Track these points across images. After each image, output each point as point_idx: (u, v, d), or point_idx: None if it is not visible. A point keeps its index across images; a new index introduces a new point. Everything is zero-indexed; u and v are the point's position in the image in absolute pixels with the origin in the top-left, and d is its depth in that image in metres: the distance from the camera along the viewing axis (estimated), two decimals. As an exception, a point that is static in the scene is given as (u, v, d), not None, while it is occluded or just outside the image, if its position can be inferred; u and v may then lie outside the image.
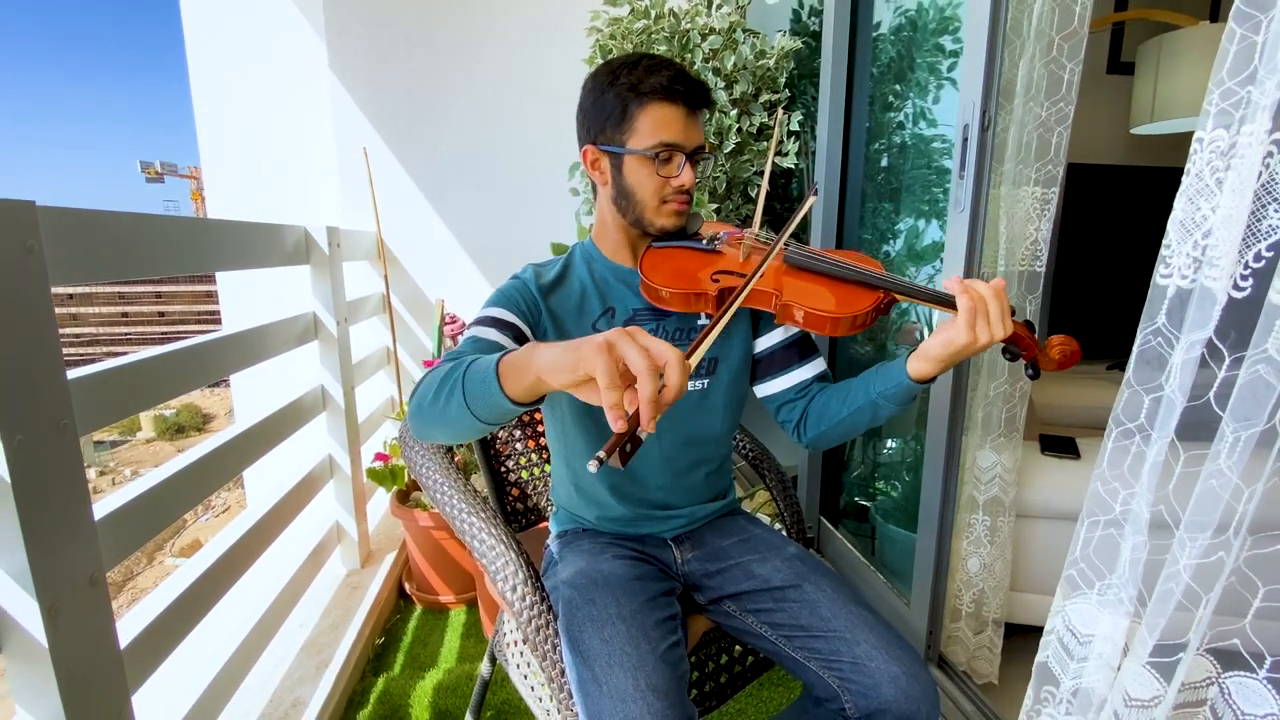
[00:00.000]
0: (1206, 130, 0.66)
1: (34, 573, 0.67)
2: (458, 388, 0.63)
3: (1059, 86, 1.02)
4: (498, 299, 0.85)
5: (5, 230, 0.65)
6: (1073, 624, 0.83)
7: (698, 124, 0.86)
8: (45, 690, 0.70)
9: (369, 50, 2.16)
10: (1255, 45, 0.62)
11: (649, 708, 0.67)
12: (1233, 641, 0.67)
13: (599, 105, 0.85)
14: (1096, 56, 2.69)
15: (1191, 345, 0.67)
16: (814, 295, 0.84)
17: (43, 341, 0.69)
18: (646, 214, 0.87)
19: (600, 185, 0.90)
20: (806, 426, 0.93)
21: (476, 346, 0.77)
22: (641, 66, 0.83)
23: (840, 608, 0.84)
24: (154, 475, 0.94)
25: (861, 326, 0.83)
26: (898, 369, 0.81)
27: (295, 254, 1.49)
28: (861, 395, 0.85)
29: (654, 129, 0.82)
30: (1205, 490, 0.64)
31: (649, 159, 0.83)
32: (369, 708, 1.34)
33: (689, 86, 0.83)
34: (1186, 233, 0.69)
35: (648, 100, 0.82)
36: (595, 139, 0.86)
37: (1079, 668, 0.81)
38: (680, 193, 0.86)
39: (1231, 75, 0.64)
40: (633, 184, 0.85)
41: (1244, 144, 0.64)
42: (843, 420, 0.88)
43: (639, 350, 0.51)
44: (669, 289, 0.85)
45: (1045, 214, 1.07)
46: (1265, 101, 0.61)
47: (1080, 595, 0.81)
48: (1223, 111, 0.65)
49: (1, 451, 0.64)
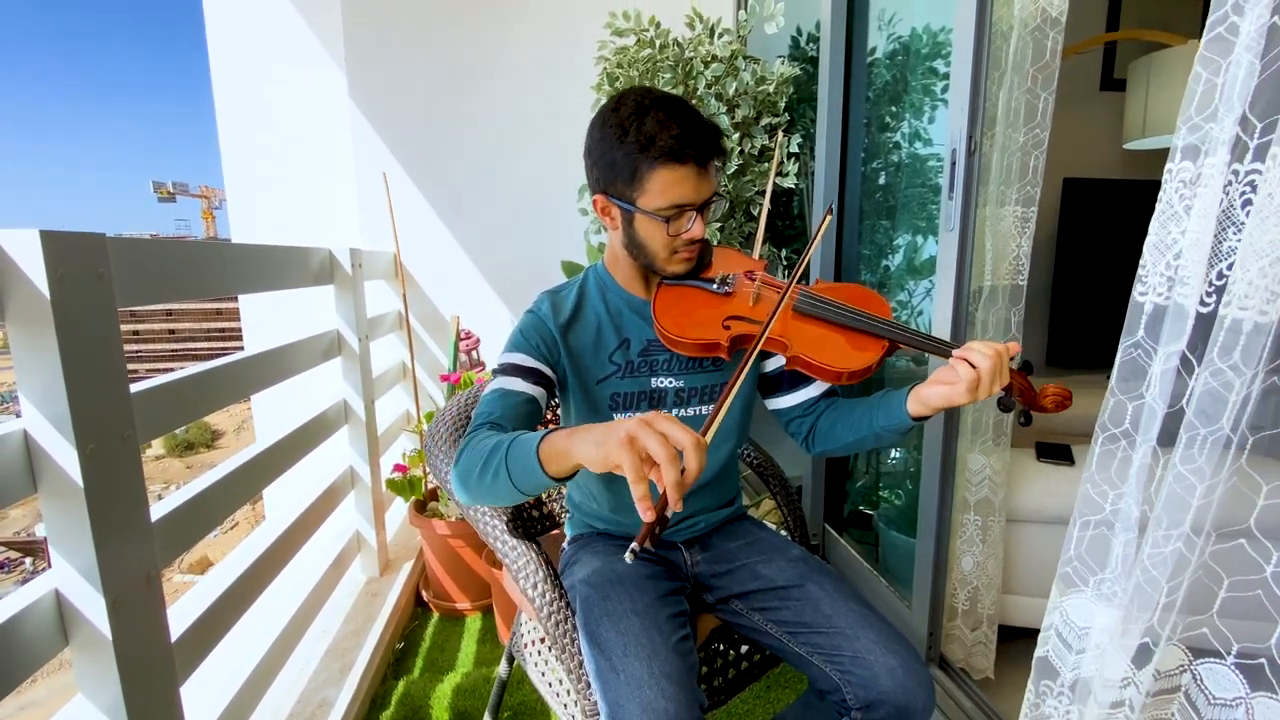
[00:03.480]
0: (1175, 162, 0.73)
1: (101, 570, 0.73)
2: (502, 469, 0.71)
3: (1035, 114, 1.09)
4: (517, 342, 0.90)
5: (80, 260, 0.73)
6: (1070, 619, 0.87)
7: (709, 176, 0.85)
8: (108, 679, 0.76)
9: (386, 80, 2.27)
10: (1216, 86, 0.68)
11: (662, 692, 0.73)
12: (1202, 631, 0.72)
13: (609, 161, 0.84)
14: (1090, 74, 2.77)
15: (1168, 357, 0.72)
16: (823, 348, 0.85)
17: (111, 359, 0.76)
18: (658, 263, 0.89)
19: (611, 230, 0.92)
20: (814, 442, 0.98)
21: (505, 401, 0.84)
22: (650, 120, 0.81)
23: (841, 605, 0.89)
24: (199, 482, 1.00)
25: (869, 374, 0.86)
26: (899, 408, 0.84)
27: (321, 274, 1.57)
28: (865, 426, 0.89)
29: (664, 190, 0.82)
30: (1173, 491, 0.70)
31: (660, 220, 0.84)
32: (391, 709, 1.40)
33: (698, 143, 0.82)
34: (1160, 254, 0.76)
35: (658, 164, 0.81)
36: (606, 190, 0.87)
37: (1077, 660, 0.86)
38: (691, 244, 0.88)
39: (1198, 112, 0.70)
40: (644, 238, 0.87)
41: (1207, 175, 0.70)
42: (848, 444, 0.93)
43: (659, 440, 0.57)
44: (683, 338, 0.87)
45: (1025, 231, 1.14)
46: (1224, 136, 0.68)
47: (1076, 591, 0.86)
48: (1189, 145, 0.72)
49: (76, 459, 0.71)
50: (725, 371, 0.97)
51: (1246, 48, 0.65)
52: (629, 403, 0.94)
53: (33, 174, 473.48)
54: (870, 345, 0.85)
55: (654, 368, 0.94)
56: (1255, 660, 0.69)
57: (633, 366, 0.94)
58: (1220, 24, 0.67)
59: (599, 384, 0.93)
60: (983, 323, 1.21)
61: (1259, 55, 0.64)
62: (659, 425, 0.58)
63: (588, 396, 0.94)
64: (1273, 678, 0.67)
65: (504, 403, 0.84)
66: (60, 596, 0.73)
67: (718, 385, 0.97)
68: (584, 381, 0.93)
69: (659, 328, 0.90)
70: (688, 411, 0.95)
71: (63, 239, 0.69)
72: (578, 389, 0.94)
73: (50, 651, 0.73)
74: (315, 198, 2.46)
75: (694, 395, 0.96)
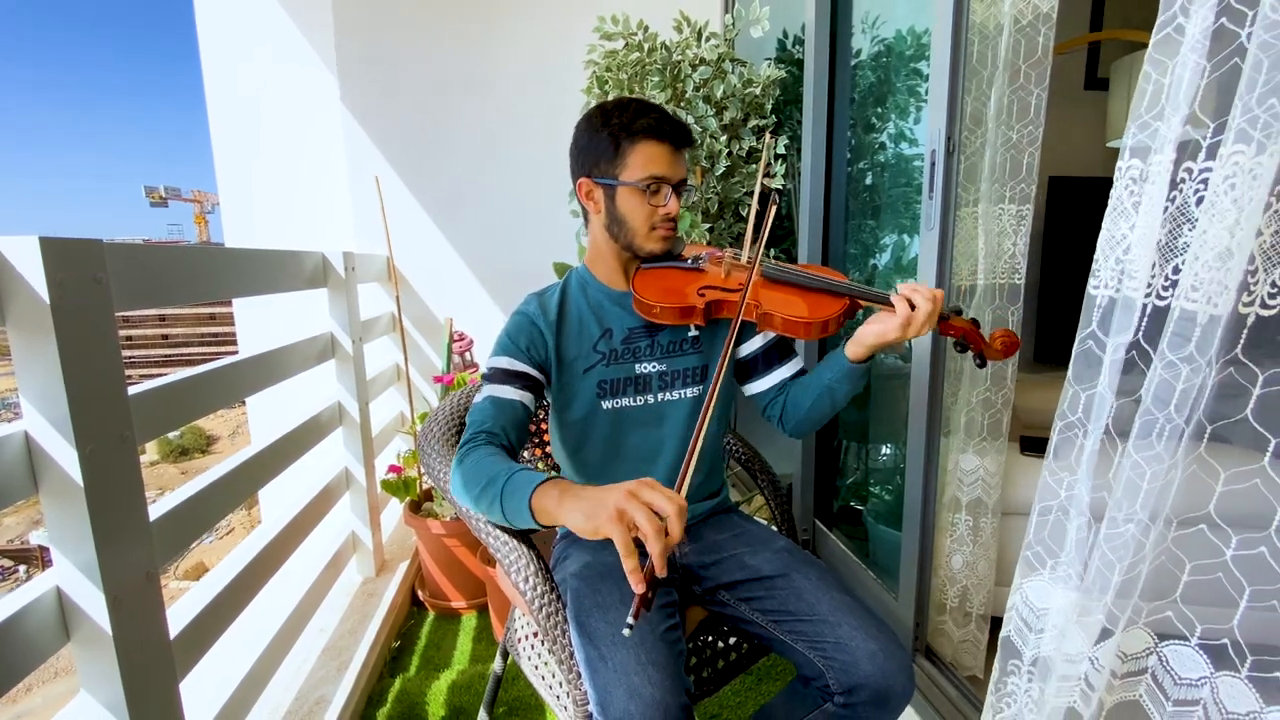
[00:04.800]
0: (1125, 160, 0.76)
1: (101, 567, 0.75)
2: (497, 502, 0.78)
3: (1028, 110, 1.11)
4: (505, 345, 0.95)
5: (79, 265, 0.74)
6: (1030, 600, 0.90)
7: (682, 160, 0.96)
8: (109, 675, 0.78)
9: (378, 85, 2.29)
10: (1164, 87, 0.71)
11: (649, 679, 0.75)
12: (1167, 615, 0.75)
13: (593, 143, 0.94)
14: (1074, 74, 2.82)
15: (1117, 347, 0.75)
16: (789, 304, 0.96)
17: (109, 361, 0.78)
18: (637, 239, 0.96)
19: (594, 214, 0.99)
20: (786, 419, 1.04)
21: (498, 409, 0.89)
22: (631, 109, 0.93)
23: (824, 594, 0.91)
24: (197, 482, 1.02)
25: (832, 330, 0.95)
26: (838, 356, 0.95)
27: (314, 278, 1.59)
28: (817, 385, 0.98)
29: (644, 164, 0.92)
30: (1129, 479, 0.73)
31: (640, 190, 0.93)
32: (388, 706, 1.42)
33: (674, 127, 0.93)
34: (1111, 249, 0.79)
35: (639, 138, 0.92)
36: (590, 173, 0.96)
37: (1037, 639, 0.89)
38: (667, 220, 0.96)
39: (1147, 111, 0.73)
40: (625, 212, 0.95)
41: (1155, 172, 0.73)
42: (810, 408, 1.00)
43: (646, 515, 0.61)
44: (660, 304, 0.95)
45: (1021, 229, 1.17)
46: (1172, 135, 0.70)
47: (1036, 574, 0.89)
48: (1139, 144, 0.74)
49: (76, 459, 0.73)
50: (705, 353, 1.02)
51: (1192, 48, 0.66)
52: (616, 389, 0.98)
53: (22, 180, 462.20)
54: (831, 301, 0.96)
55: (637, 354, 0.99)
56: (1218, 641, 0.72)
57: (616, 354, 0.99)
58: (1168, 25, 0.69)
59: (586, 373, 0.98)
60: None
61: (1205, 56, 0.66)
62: (644, 496, 0.63)
63: (575, 386, 0.98)
64: (1235, 657, 0.70)
65: (497, 410, 0.89)
66: (62, 594, 0.75)
67: (697, 368, 1.02)
68: (572, 373, 0.98)
69: (638, 299, 0.96)
70: (672, 395, 1.00)
71: (62, 245, 0.71)
72: (565, 381, 0.98)
73: (52, 647, 0.74)
74: (308, 202, 2.47)
75: (677, 378, 1.01)
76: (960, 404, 1.29)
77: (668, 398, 1.00)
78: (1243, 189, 0.63)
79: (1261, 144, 0.61)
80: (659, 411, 1.00)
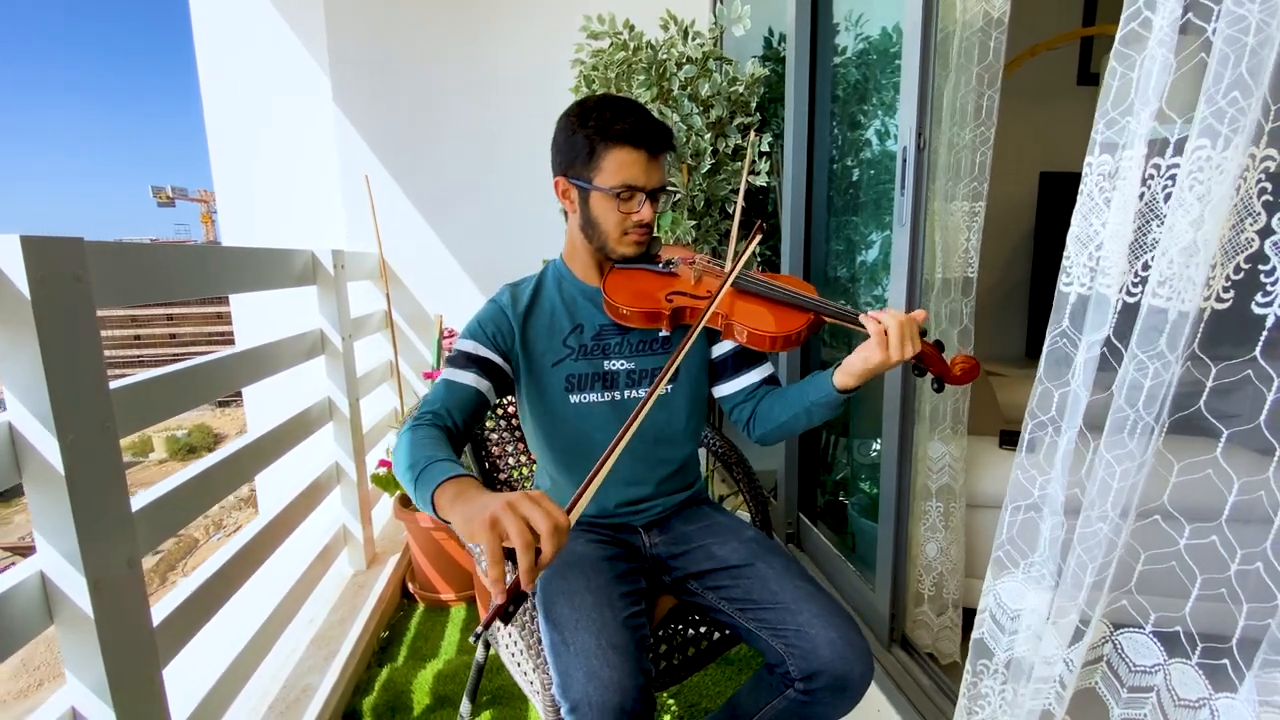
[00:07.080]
0: (1095, 156, 0.75)
1: (83, 553, 0.78)
2: (414, 486, 0.75)
3: (980, 112, 1.13)
4: (473, 330, 0.97)
5: (59, 263, 0.77)
6: (1003, 601, 0.91)
7: (659, 166, 0.95)
8: (91, 657, 0.81)
9: (370, 84, 2.31)
10: (1132, 81, 0.70)
11: (607, 661, 0.78)
12: (1122, 604, 0.76)
13: (570, 143, 0.94)
14: (1067, 68, 2.82)
15: (1091, 345, 0.75)
16: (755, 316, 0.96)
17: (90, 356, 0.81)
18: (609, 243, 0.97)
19: (570, 213, 1.00)
20: (754, 425, 1.04)
21: (450, 393, 0.90)
22: (609, 110, 0.91)
23: (788, 583, 0.94)
24: (180, 475, 1.05)
25: (796, 343, 0.95)
26: (826, 381, 0.92)
27: (303, 276, 1.62)
28: (797, 403, 0.97)
29: (618, 170, 0.91)
30: (1101, 477, 0.74)
31: (612, 197, 0.93)
32: (374, 694, 1.45)
33: (651, 133, 0.92)
34: (1082, 246, 0.78)
35: (613, 144, 0.91)
36: (566, 172, 0.96)
37: (1010, 640, 0.89)
38: (640, 226, 0.95)
39: (1114, 107, 0.72)
40: (598, 216, 0.95)
41: (1125, 168, 0.72)
42: (783, 423, 1.00)
43: (519, 528, 0.59)
44: (629, 308, 0.96)
45: (974, 226, 1.18)
46: (1141, 130, 0.69)
47: (1008, 574, 0.90)
48: (1107, 140, 0.74)
49: (57, 449, 0.76)
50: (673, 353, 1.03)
51: (1160, 42, 0.66)
52: (584, 384, 1.00)
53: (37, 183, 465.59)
54: (797, 316, 0.95)
55: (607, 351, 1.01)
56: (1171, 629, 0.73)
57: (586, 350, 1.00)
58: (1134, 19, 0.69)
59: (554, 366, 0.99)
60: (936, 314, 1.25)
61: (1173, 50, 0.65)
62: (522, 509, 0.61)
63: (543, 380, 1.00)
64: (1186, 645, 0.72)
65: (448, 394, 0.90)
66: (45, 578, 0.78)
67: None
68: (539, 366, 0.99)
69: (607, 300, 0.97)
70: (639, 393, 1.02)
71: (42, 244, 0.74)
72: (533, 374, 1.00)
73: (36, 628, 0.77)
74: (302, 201, 2.51)
75: (645, 376, 1.02)
76: (924, 395, 1.31)
77: (634, 395, 1.01)
78: (1208, 184, 0.63)
79: (1227, 139, 0.61)
80: (624, 409, 1.01)
